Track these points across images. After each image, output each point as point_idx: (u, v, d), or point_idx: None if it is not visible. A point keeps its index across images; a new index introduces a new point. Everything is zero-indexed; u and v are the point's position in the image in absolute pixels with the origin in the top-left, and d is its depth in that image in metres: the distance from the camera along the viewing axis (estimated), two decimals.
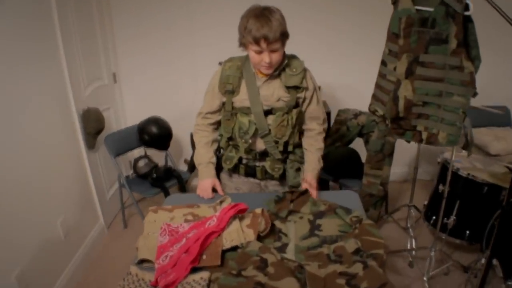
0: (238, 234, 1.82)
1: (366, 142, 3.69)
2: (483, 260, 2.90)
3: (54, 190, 3.02)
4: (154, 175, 3.67)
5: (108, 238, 3.89)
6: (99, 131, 3.62)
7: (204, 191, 2.35)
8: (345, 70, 4.35)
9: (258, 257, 1.68)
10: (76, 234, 3.36)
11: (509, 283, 2.67)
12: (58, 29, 3.14)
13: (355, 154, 3.76)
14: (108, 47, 4.19)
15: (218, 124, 2.44)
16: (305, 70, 2.20)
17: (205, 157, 2.43)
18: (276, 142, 2.25)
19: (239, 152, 2.37)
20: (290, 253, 1.80)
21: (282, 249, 1.83)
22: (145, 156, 3.93)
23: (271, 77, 2.17)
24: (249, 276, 1.58)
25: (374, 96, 2.57)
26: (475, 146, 3.95)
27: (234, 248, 1.80)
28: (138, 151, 4.01)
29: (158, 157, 4.09)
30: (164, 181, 3.67)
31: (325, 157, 3.45)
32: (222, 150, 2.48)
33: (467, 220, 3.20)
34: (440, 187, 3.11)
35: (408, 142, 2.43)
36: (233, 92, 2.21)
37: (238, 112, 2.26)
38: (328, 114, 4.00)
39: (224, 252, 1.77)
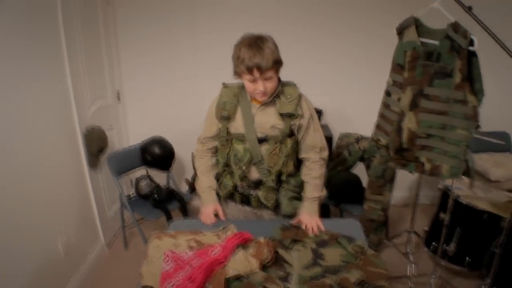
0: (242, 263, 1.83)
1: (368, 167, 3.70)
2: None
3: (56, 208, 3.02)
4: (156, 196, 3.67)
5: (108, 258, 3.88)
6: (101, 150, 3.63)
7: (206, 218, 2.36)
8: (348, 93, 4.37)
9: (262, 287, 1.69)
10: (76, 253, 3.35)
11: None
12: (64, 46, 3.15)
13: (356, 179, 3.78)
14: (113, 65, 4.21)
15: (216, 149, 2.45)
16: (300, 96, 2.18)
17: (205, 183, 2.46)
18: (269, 171, 2.25)
19: (234, 179, 2.37)
20: (293, 284, 1.81)
21: (285, 279, 1.84)
22: (147, 176, 3.93)
23: (266, 104, 2.17)
24: None
25: (377, 126, 2.60)
26: (475, 173, 3.96)
27: (238, 278, 1.81)
28: (140, 171, 4.01)
29: (160, 177, 4.09)
30: (166, 202, 3.66)
31: (326, 182, 3.49)
32: (219, 176, 2.49)
33: (467, 247, 3.20)
34: (441, 215, 3.12)
35: (411, 173, 2.45)
36: (228, 119, 2.22)
37: (234, 138, 2.27)
38: (330, 139, 4.03)
39: (228, 281, 1.78)
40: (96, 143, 3.54)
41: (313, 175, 2.35)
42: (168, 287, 1.74)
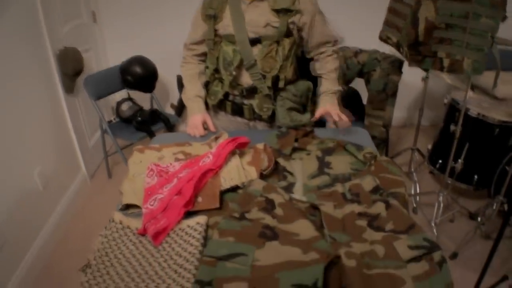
0: (238, 172, 1.57)
1: (367, 82, 3.43)
2: (494, 206, 2.73)
3: (29, 138, 2.75)
4: (139, 119, 3.40)
5: (91, 189, 3.64)
6: (77, 73, 3.33)
7: (194, 128, 2.11)
8: (344, 6, 4.03)
9: (263, 197, 1.44)
10: (56, 185, 3.11)
11: None
12: None
13: (355, 94, 3.51)
14: None
15: (204, 56, 2.19)
16: None
17: (192, 91, 2.19)
18: (264, 77, 2.01)
19: (224, 86, 2.10)
20: (298, 193, 1.57)
21: (288, 189, 1.59)
22: (129, 98, 3.64)
23: (256, 0, 1.93)
24: (255, 219, 1.34)
25: (386, 22, 2.30)
26: (479, 89, 3.74)
27: (233, 189, 1.56)
28: (121, 95, 3.71)
29: (142, 100, 3.80)
30: (150, 124, 3.40)
31: None
32: (209, 85, 2.22)
33: (475, 164, 3.01)
34: (452, 127, 2.88)
35: (426, 71, 2.17)
36: (215, 18, 1.98)
37: (223, 40, 2.01)
38: None
39: (222, 193, 1.53)
40: (70, 65, 3.23)
41: (329, 69, 2.14)
42: (151, 202, 1.48)
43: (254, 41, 1.96)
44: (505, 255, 2.71)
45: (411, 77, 3.91)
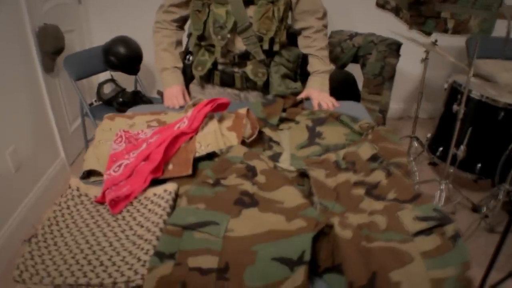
0: (216, 137, 1.37)
1: (363, 66, 3.24)
2: (499, 196, 2.54)
3: (1, 114, 2.53)
4: (120, 100, 3.19)
5: (70, 175, 3.42)
6: (58, 51, 3.12)
7: (173, 99, 1.91)
8: None
9: (244, 164, 1.24)
10: (31, 169, 2.88)
11: None
12: None
13: (351, 77, 3.31)
14: None
15: (183, 21, 2.00)
16: None
17: (169, 61, 1.99)
18: (260, 40, 1.83)
19: (213, 54, 1.89)
20: (285, 163, 1.37)
21: (274, 158, 1.39)
22: (111, 80, 3.42)
23: None
24: (231, 185, 1.14)
25: None
26: (480, 76, 3.57)
27: (210, 157, 1.36)
28: (104, 76, 3.50)
29: (126, 82, 3.58)
30: (132, 105, 3.18)
31: None
32: (190, 57, 2.00)
33: (479, 151, 2.81)
34: (455, 106, 2.69)
35: (429, 34, 1.98)
36: None
37: (212, 2, 1.81)
38: None
39: (196, 161, 1.33)
40: (51, 42, 3.02)
41: (319, 46, 1.98)
42: (115, 168, 1.28)
43: (248, 2, 1.79)
44: (511, 249, 2.52)
45: (408, 66, 3.75)
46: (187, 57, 2.01)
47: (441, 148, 2.98)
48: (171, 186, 1.18)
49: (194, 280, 0.88)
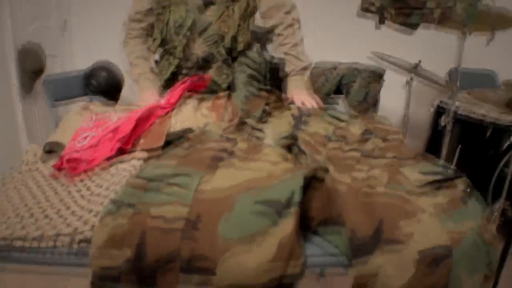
0: (194, 114, 1.25)
1: (347, 93, 3.21)
2: (495, 213, 2.42)
3: None
4: None
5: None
6: (38, 71, 3.03)
7: (151, 98, 1.81)
8: (319, 22, 3.88)
9: (223, 138, 1.12)
10: None
11: None
12: None
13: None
14: None
15: (152, 29, 1.93)
16: None
17: (144, 67, 1.91)
18: (222, 39, 1.77)
19: (176, 55, 1.83)
20: (270, 142, 1.24)
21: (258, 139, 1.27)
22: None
23: None
24: (208, 147, 1.01)
25: None
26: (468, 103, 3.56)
27: (183, 135, 1.22)
28: (84, 101, 3.40)
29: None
30: None
31: None
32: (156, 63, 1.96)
33: (469, 171, 2.70)
34: (442, 118, 2.62)
35: (415, 28, 1.91)
36: None
37: (172, 3, 1.79)
38: None
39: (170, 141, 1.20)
40: (32, 61, 2.96)
41: (292, 43, 1.89)
42: (81, 139, 1.15)
43: (207, 2, 1.77)
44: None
45: (392, 99, 3.71)
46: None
47: None
48: (140, 154, 1.05)
49: (157, 230, 0.74)
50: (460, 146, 2.63)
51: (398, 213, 0.76)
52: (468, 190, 0.84)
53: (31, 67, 2.94)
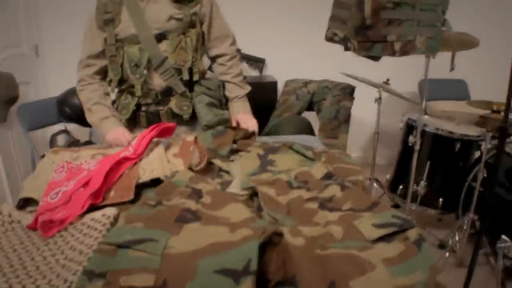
0: (161, 163, 1.31)
1: (319, 111, 3.27)
2: (465, 226, 2.51)
3: None
4: None
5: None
6: (11, 100, 3.03)
7: (120, 137, 1.85)
8: (291, 41, 3.94)
9: (189, 188, 1.18)
10: None
11: (500, 245, 2.27)
12: None
13: (306, 122, 3.30)
14: (31, 16, 3.64)
15: (104, 72, 1.97)
16: None
17: (105, 111, 1.94)
18: (179, 72, 1.87)
19: (135, 93, 1.89)
20: (235, 189, 1.30)
21: (224, 186, 1.31)
22: (65, 131, 3.33)
23: None
24: (174, 204, 1.07)
25: (332, 18, 2.12)
26: (435, 116, 3.65)
27: (155, 184, 1.28)
28: (58, 127, 3.41)
29: (80, 134, 3.50)
30: None
31: (274, 129, 3.02)
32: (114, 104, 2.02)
33: (439, 186, 2.81)
34: (411, 138, 2.71)
35: (377, 60, 1.97)
36: (113, 21, 1.83)
37: (125, 44, 1.84)
38: (275, 84, 3.66)
39: (141, 188, 1.26)
40: (4, 91, 2.94)
41: (235, 73, 2.05)
42: (53, 195, 1.20)
43: (159, 38, 1.84)
44: (482, 279, 2.47)
45: (363, 113, 3.81)
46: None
47: (401, 186, 2.96)
48: (110, 211, 1.10)
49: None
50: (429, 162, 2.71)
51: (350, 272, 0.82)
52: (419, 240, 0.90)
53: (4, 97, 2.92)
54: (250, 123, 1.93)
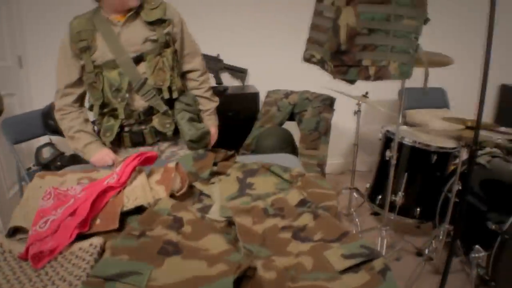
0: (144, 191, 1.38)
1: (300, 122, 3.36)
2: (441, 236, 2.61)
3: None
4: (59, 164, 3.14)
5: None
6: None
7: (104, 157, 1.93)
8: (272, 52, 4.02)
9: (171, 216, 1.25)
10: None
11: (474, 255, 2.37)
12: None
13: (287, 133, 3.38)
14: (14, 28, 3.68)
15: (82, 99, 2.04)
16: (164, 2, 1.97)
17: (88, 137, 2.01)
18: (160, 92, 1.95)
19: (118, 116, 1.96)
20: (214, 214, 1.37)
21: (204, 210, 1.39)
22: (50, 144, 3.37)
23: (129, 19, 1.89)
24: (156, 235, 1.14)
25: (309, 40, 2.19)
26: (414, 125, 3.75)
27: (138, 211, 1.35)
28: (43, 140, 3.44)
29: (65, 146, 3.52)
30: None
31: (256, 140, 3.09)
32: (95, 128, 2.08)
33: (416, 196, 2.92)
34: (387, 153, 2.80)
35: (353, 83, 2.05)
36: (90, 49, 1.88)
37: (103, 69, 1.89)
38: (257, 95, 3.73)
39: (125, 215, 1.33)
40: None
41: (206, 88, 2.19)
42: (42, 224, 1.26)
43: (137, 60, 1.90)
44: (458, 285, 2.57)
45: (344, 121, 3.88)
46: (93, 128, 2.08)
47: (379, 196, 3.05)
48: (96, 240, 1.17)
49: None
50: (407, 173, 2.81)
51: None
52: (384, 270, 0.97)
53: None
54: (215, 135, 2.15)
